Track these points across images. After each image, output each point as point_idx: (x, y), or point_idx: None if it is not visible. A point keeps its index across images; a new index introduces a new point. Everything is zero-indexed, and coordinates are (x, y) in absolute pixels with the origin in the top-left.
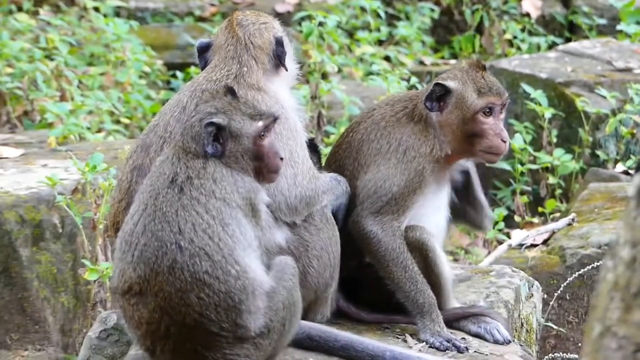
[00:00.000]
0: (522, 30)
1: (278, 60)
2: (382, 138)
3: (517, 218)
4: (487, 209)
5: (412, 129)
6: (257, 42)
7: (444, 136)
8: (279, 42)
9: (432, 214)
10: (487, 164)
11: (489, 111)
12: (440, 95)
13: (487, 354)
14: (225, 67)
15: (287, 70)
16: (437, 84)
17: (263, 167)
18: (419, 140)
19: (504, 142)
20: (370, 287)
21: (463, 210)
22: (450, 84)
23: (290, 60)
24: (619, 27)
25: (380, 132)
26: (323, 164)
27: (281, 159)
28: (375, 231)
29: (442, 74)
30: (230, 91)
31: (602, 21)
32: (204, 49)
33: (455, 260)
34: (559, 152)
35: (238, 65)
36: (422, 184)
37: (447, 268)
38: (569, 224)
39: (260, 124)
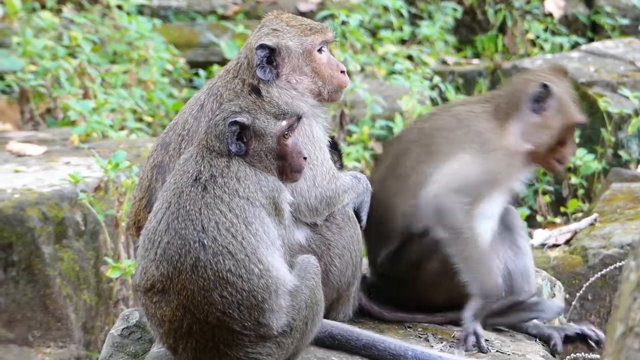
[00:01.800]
0: (545, 30)
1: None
2: (459, 129)
3: (539, 218)
4: None
5: (493, 125)
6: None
7: (537, 137)
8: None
9: (481, 219)
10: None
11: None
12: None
13: (509, 354)
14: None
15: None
16: (543, 85)
17: (286, 167)
18: (497, 136)
19: None
20: (395, 284)
21: None
22: (552, 86)
23: None
24: None
25: (459, 123)
26: (381, 152)
27: (305, 158)
28: (455, 208)
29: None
30: (255, 90)
31: (625, 21)
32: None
33: None
34: (581, 152)
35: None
36: (497, 178)
37: None
38: (591, 224)
39: (284, 123)
